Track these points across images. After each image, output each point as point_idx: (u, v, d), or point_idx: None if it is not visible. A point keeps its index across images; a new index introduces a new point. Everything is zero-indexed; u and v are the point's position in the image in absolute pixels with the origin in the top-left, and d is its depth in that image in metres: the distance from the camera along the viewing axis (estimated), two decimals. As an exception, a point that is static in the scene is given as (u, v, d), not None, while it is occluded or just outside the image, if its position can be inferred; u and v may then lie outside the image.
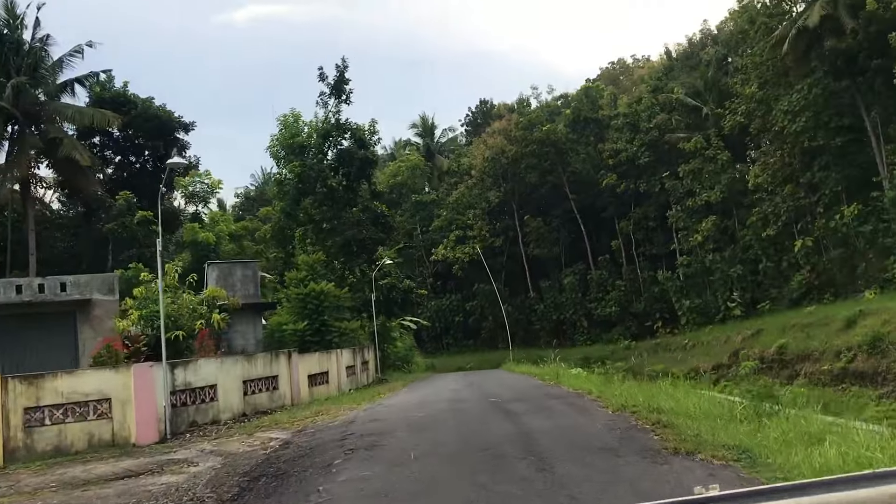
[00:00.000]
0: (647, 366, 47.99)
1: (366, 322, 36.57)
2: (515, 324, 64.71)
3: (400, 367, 42.15)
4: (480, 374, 39.76)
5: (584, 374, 26.21)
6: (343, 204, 35.89)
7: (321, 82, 37.85)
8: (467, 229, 68.66)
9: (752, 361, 31.89)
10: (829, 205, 42.20)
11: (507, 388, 23.17)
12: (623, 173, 60.47)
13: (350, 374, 29.11)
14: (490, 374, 37.13)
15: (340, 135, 36.59)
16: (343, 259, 36.45)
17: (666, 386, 17.56)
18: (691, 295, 52.73)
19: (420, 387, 28.80)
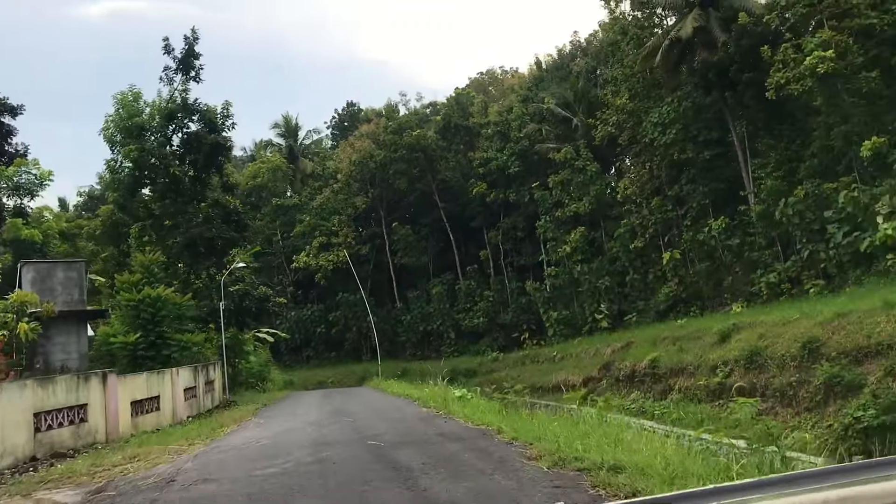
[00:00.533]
0: (515, 378, 46.54)
1: (214, 334, 32.62)
2: (381, 335, 62.00)
3: (253, 386, 38.32)
4: (346, 393, 36.27)
5: (473, 397, 22.77)
6: (189, 197, 31.29)
7: (166, 55, 33.12)
8: (332, 236, 65.43)
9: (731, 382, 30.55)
10: (696, 218, 42.07)
11: (385, 419, 19.10)
12: (493, 182, 59.12)
13: (190, 397, 24.93)
14: (358, 395, 33.70)
15: (188, 116, 31.94)
16: (188, 261, 32.06)
17: (592, 419, 14.45)
18: (559, 306, 51.78)
19: (275, 413, 24.55)
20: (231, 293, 33.52)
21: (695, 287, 40.99)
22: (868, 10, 32.07)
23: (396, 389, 31.91)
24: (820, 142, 34.70)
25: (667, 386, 31.00)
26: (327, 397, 33.00)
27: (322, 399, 31.73)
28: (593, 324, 47.85)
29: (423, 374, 55.14)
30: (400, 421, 18.28)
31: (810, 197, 33.08)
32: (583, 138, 51.56)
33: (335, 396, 32.67)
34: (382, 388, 36.19)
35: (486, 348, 56.51)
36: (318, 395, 35.76)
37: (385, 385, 37.32)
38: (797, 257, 34.42)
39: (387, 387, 35.82)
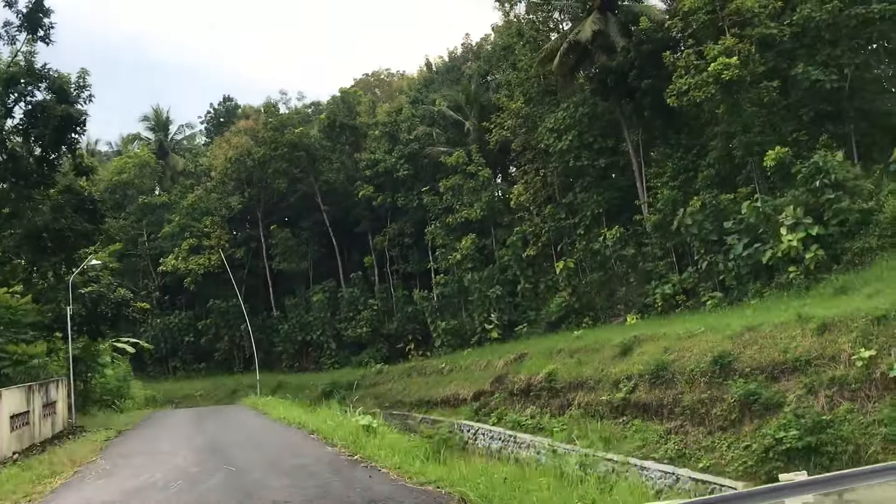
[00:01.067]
0: (401, 392, 44.06)
1: (60, 344, 28.23)
2: (255, 345, 58.08)
3: (109, 405, 33.88)
4: (221, 415, 31.45)
5: (381, 426, 18.10)
6: (34, 181, 26.37)
7: (7, 8, 27.30)
8: (203, 238, 61.00)
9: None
10: (590, 227, 41.01)
11: (281, 469, 14.04)
12: (380, 185, 56.57)
13: (19, 425, 20.23)
14: (236, 419, 28.75)
15: (33, 83, 26.81)
16: (30, 256, 27.16)
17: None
18: (447, 316, 49.72)
19: (129, 450, 18.91)
20: (83, 296, 29.14)
21: (588, 297, 39.81)
22: (768, 21, 31.73)
23: (283, 413, 27.07)
24: (717, 152, 34.16)
25: (565, 401, 29.29)
26: (198, 422, 28.14)
27: (192, 425, 26.69)
28: (483, 334, 46.00)
29: (302, 387, 51.80)
30: (305, 474, 13.40)
31: (708, 207, 32.37)
32: (475, 143, 49.85)
33: (208, 421, 27.99)
34: (264, 411, 31.48)
35: (369, 360, 53.70)
36: (187, 418, 31.00)
37: (266, 406, 33.14)
38: (694, 269, 33.67)
39: (269, 408, 31.29)
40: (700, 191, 34.08)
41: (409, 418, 40.97)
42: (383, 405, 44.58)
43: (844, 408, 17.95)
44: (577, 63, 39.70)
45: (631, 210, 40.34)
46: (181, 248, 60.40)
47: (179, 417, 31.13)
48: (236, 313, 58.93)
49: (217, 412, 33.45)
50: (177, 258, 59.81)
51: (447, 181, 49.63)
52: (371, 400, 46.01)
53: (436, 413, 39.32)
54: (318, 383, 50.74)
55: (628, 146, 39.19)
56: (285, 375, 54.71)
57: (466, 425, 34.76)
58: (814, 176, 26.64)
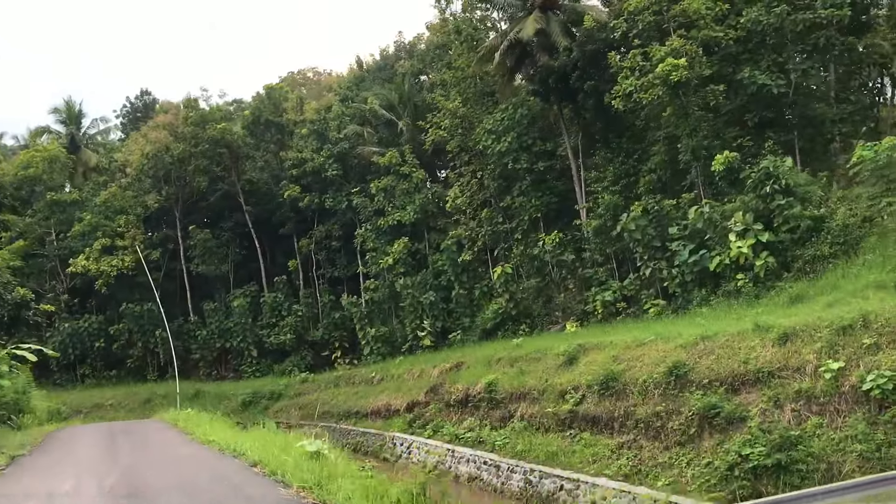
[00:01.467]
0: (328, 402, 41.95)
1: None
2: (172, 351, 54.97)
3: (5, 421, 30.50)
4: (136, 436, 27.00)
5: (331, 451, 15.23)
6: None
7: None
8: (117, 238, 57.44)
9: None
10: (528, 232, 39.87)
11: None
12: (307, 186, 54.38)
13: None
14: (155, 442, 24.48)
15: None
16: None
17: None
18: (377, 323, 47.85)
19: (16, 490, 13.93)
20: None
21: (525, 304, 38.63)
22: (713, 24, 31.19)
23: (210, 433, 22.95)
24: (660, 156, 33.50)
25: (507, 412, 27.85)
26: (110, 445, 23.91)
27: (102, 451, 22.28)
28: (415, 342, 44.37)
29: (221, 396, 49.10)
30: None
31: (651, 213, 31.55)
32: (408, 143, 48.26)
33: (122, 445, 23.84)
34: (187, 429, 26.91)
35: (293, 368, 51.36)
36: (97, 439, 26.48)
37: (188, 422, 29.09)
38: (636, 275, 32.80)
39: (192, 426, 26.95)
40: (642, 196, 33.29)
41: (337, 430, 38.95)
42: (309, 416, 42.43)
43: (813, 422, 17.01)
44: (518, 63, 38.59)
45: (570, 215, 39.44)
46: (93, 248, 56.69)
47: (88, 438, 27.27)
48: (151, 318, 55.68)
49: (131, 430, 30.13)
50: (88, 259, 56.08)
51: (379, 182, 47.88)
52: (296, 410, 43.81)
53: (366, 424, 37.42)
54: (239, 393, 48.19)
55: (567, 150, 38.26)
56: (203, 384, 51.83)
57: (400, 438, 33.01)
58: (763, 181, 26.01)
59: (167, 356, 55.01)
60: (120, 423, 36.50)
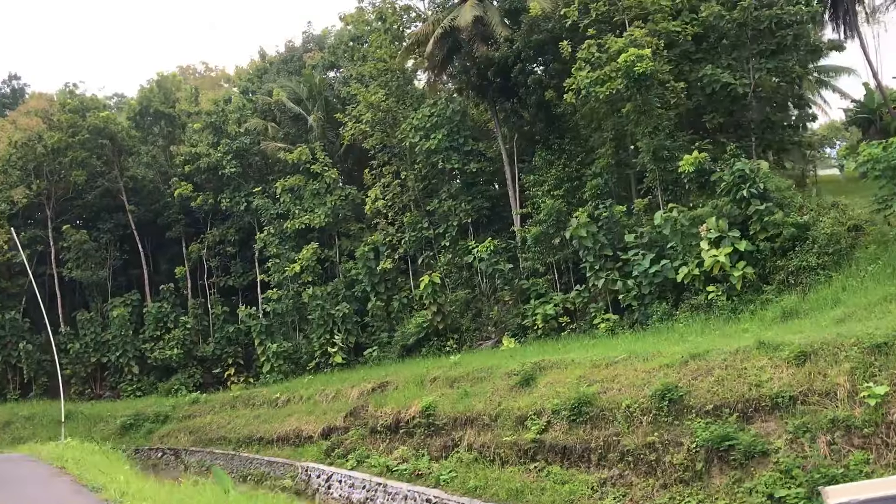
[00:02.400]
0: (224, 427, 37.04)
1: None
2: (36, 367, 48.35)
3: None
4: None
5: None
6: None
7: None
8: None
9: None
10: (456, 238, 36.56)
11: None
12: (200, 185, 49.13)
13: None
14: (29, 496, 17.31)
15: None
16: None
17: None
18: (277, 337, 43.19)
19: None
20: None
21: (452, 318, 35.14)
22: (669, 18, 29.02)
23: (106, 474, 17.85)
24: (606, 159, 30.96)
25: (450, 441, 24.22)
26: None
27: None
28: (323, 359, 40.07)
29: (96, 418, 43.06)
30: None
31: (600, 219, 28.85)
32: (319, 140, 44.07)
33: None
34: (73, 468, 21.17)
35: (180, 386, 45.76)
36: None
37: (74, 456, 23.72)
38: (583, 287, 29.98)
39: (80, 461, 21.89)
40: (588, 201, 30.66)
41: (237, 458, 34.18)
42: (202, 442, 37.33)
43: (857, 457, 14.34)
44: (450, 54, 35.33)
45: (502, 221, 36.56)
46: (-58, 247, 49.28)
47: None
48: (14, 328, 48.77)
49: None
50: (-66, 259, 48.63)
51: (285, 181, 43.43)
52: (185, 435, 38.59)
53: (271, 452, 32.83)
54: (118, 414, 42.30)
55: (501, 151, 35.28)
56: (75, 404, 45.42)
57: (315, 469, 28.72)
58: (739, 185, 23.71)
59: (32, 372, 48.21)
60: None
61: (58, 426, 42.46)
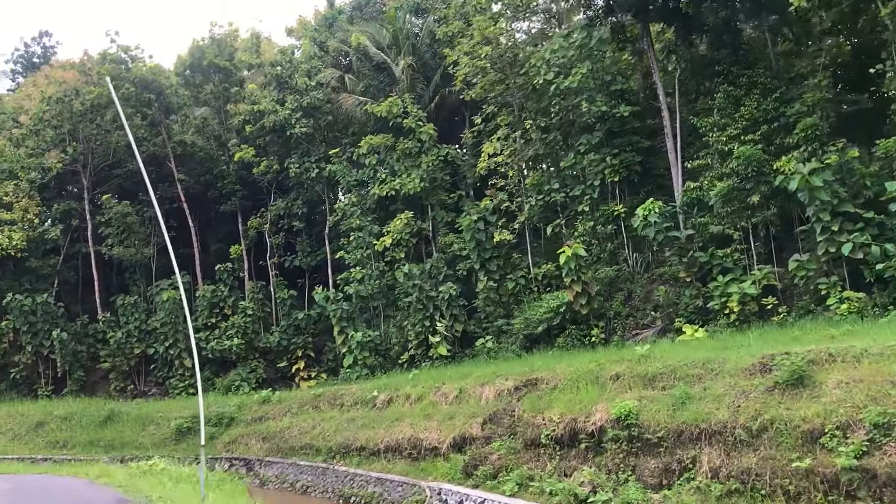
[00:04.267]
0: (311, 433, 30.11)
1: None
2: (72, 359, 41.78)
3: None
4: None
5: None
6: None
7: None
8: (2, 210, 43.69)
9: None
10: (596, 202, 29.53)
11: None
12: (263, 148, 42.34)
13: None
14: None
15: None
16: None
17: None
18: (360, 325, 36.22)
19: None
20: None
21: (597, 301, 27.98)
22: None
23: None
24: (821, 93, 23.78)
25: (674, 462, 17.10)
26: None
27: None
28: (420, 350, 33.12)
29: (144, 420, 36.21)
30: None
31: (832, 167, 21.64)
32: (407, 93, 37.04)
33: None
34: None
35: (241, 383, 38.95)
36: None
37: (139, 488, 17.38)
38: (807, 256, 22.72)
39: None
40: (799, 145, 23.50)
41: (330, 472, 27.28)
42: (280, 450, 30.44)
43: None
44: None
45: (652, 180, 29.41)
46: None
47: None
48: (46, 314, 42.12)
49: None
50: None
51: (370, 139, 36.51)
52: (257, 442, 31.75)
53: (379, 467, 25.84)
54: (170, 415, 35.51)
55: (658, 88, 28.10)
56: (117, 403, 38.73)
57: (453, 492, 21.67)
58: None
59: (67, 365, 41.58)
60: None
61: (94, 426, 35.89)
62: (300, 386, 38.53)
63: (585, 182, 29.60)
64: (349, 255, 37.03)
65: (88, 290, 46.13)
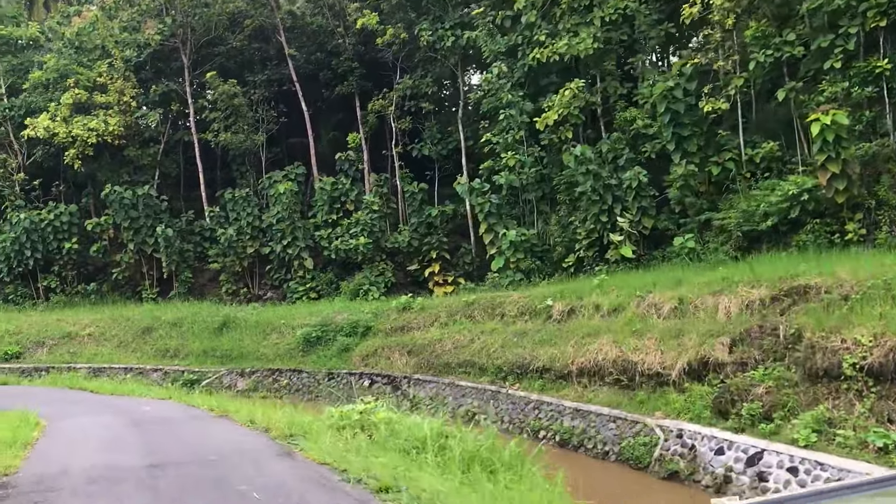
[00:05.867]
0: (474, 349, 24.74)
1: None
2: (178, 259, 37.58)
3: None
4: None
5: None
6: None
7: None
8: (96, 92, 39.02)
9: None
10: (852, 55, 22.32)
11: None
12: (388, 15, 36.11)
13: None
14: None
15: None
16: None
17: None
18: (510, 221, 30.32)
19: None
20: None
21: (857, 186, 21.13)
22: None
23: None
24: None
25: None
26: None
27: None
28: (594, 252, 27.05)
29: (265, 328, 31.53)
30: None
31: None
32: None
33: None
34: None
35: (369, 287, 33.86)
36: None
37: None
38: None
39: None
40: None
41: (502, 397, 21.94)
42: (433, 367, 25.22)
43: None
44: None
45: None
46: (60, 103, 38.26)
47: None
48: (149, 208, 37.80)
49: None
50: (53, 119, 37.66)
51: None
52: (402, 356, 26.60)
53: (572, 394, 20.23)
54: (294, 323, 30.75)
55: None
56: (231, 308, 34.23)
57: (706, 436, 15.85)
58: None
59: (174, 265, 37.33)
60: (150, 407, 18.25)
61: (207, 333, 31.52)
62: (434, 292, 33.22)
63: (835, 31, 22.32)
64: (497, 139, 30.81)
65: (190, 186, 41.66)
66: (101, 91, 38.83)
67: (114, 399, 19.88)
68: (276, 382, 28.32)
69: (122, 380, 28.40)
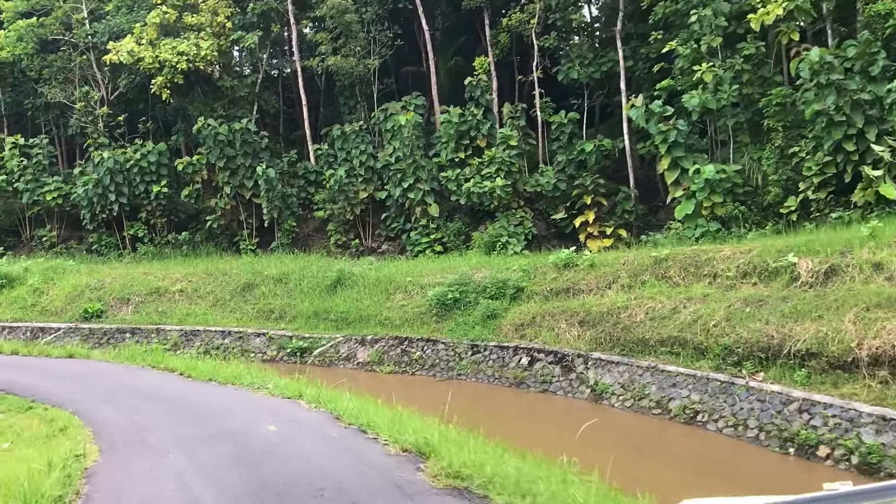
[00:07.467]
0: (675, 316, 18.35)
1: None
2: (281, 205, 32.27)
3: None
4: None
5: None
6: None
7: None
8: (186, 12, 33.81)
9: None
10: None
11: None
12: None
13: None
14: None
15: None
16: None
17: None
18: (701, 157, 23.56)
19: None
20: None
21: None
22: None
23: None
24: None
25: None
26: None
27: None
28: (828, 193, 20.14)
29: (386, 286, 25.52)
30: None
31: None
32: None
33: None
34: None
35: (507, 240, 27.69)
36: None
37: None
38: None
39: None
40: None
41: (750, 392, 15.55)
42: (618, 343, 18.94)
43: None
44: None
45: None
46: (147, 24, 33.20)
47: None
48: (246, 146, 32.50)
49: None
50: (138, 42, 32.62)
51: None
52: (571, 328, 20.35)
53: (866, 393, 13.74)
54: (421, 281, 24.87)
55: None
56: (344, 262, 28.58)
57: None
58: None
59: (276, 211, 32.04)
60: (276, 427, 12.11)
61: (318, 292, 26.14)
62: (587, 246, 26.86)
63: None
64: (684, 50, 23.93)
65: (291, 125, 36.28)
66: (191, 10, 33.63)
67: (213, 392, 14.14)
68: (406, 355, 22.61)
69: (222, 350, 23.28)
